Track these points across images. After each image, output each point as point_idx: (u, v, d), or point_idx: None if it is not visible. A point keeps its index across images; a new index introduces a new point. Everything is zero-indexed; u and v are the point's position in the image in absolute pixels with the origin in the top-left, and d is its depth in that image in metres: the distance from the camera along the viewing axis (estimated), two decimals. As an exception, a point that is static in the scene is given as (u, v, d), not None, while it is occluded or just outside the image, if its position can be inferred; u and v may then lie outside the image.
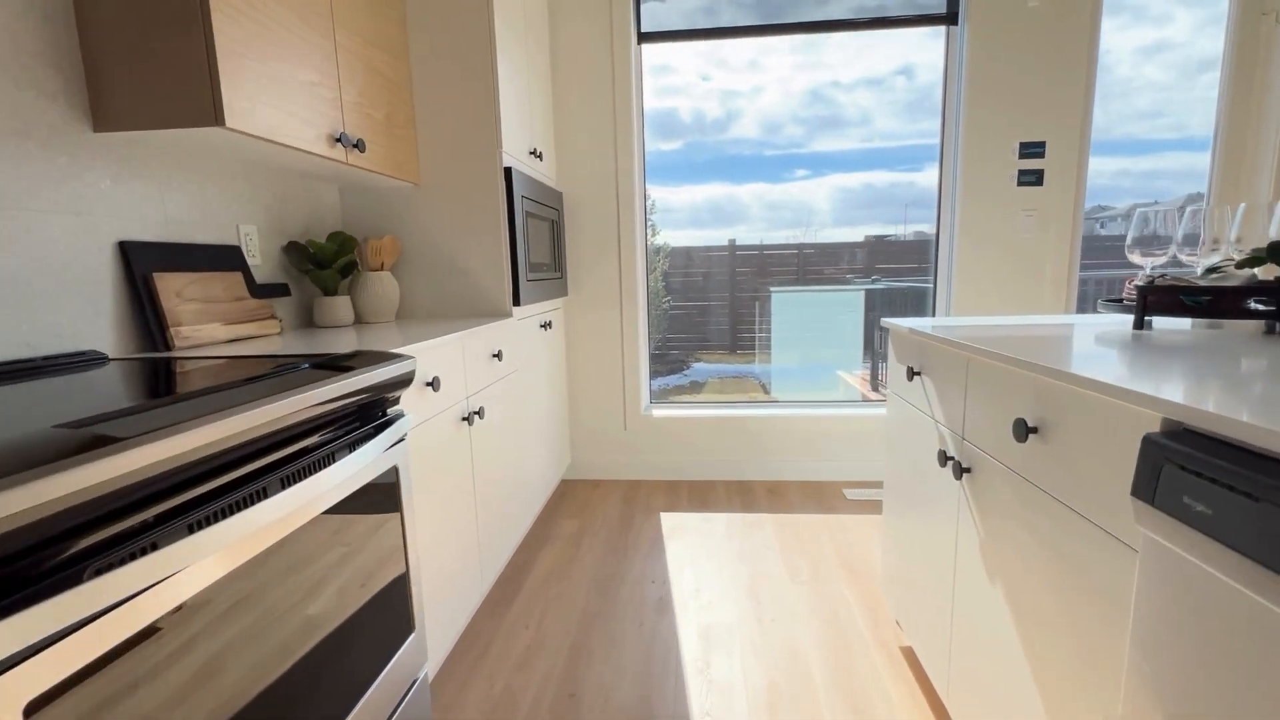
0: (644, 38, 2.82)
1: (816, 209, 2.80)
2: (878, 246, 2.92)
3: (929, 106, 2.60)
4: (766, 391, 3.40)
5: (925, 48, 2.53)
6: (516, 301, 2.18)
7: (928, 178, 2.68)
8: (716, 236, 2.97)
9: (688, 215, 2.94)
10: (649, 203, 2.98)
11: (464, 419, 1.71)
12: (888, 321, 1.59)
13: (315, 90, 1.53)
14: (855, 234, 2.86)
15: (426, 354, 1.49)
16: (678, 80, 2.79)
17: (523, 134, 2.31)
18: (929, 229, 2.80)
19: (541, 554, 2.29)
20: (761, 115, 2.77)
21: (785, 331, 3.27)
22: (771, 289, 3.19)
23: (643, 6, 2.79)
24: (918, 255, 2.95)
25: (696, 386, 3.36)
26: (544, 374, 2.58)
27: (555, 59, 2.79)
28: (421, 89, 2.08)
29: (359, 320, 2.07)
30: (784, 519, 2.53)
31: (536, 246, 2.38)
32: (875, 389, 3.24)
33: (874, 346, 3.19)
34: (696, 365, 3.37)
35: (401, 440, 1.16)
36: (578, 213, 2.90)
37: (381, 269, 2.09)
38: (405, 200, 2.17)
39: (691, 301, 3.15)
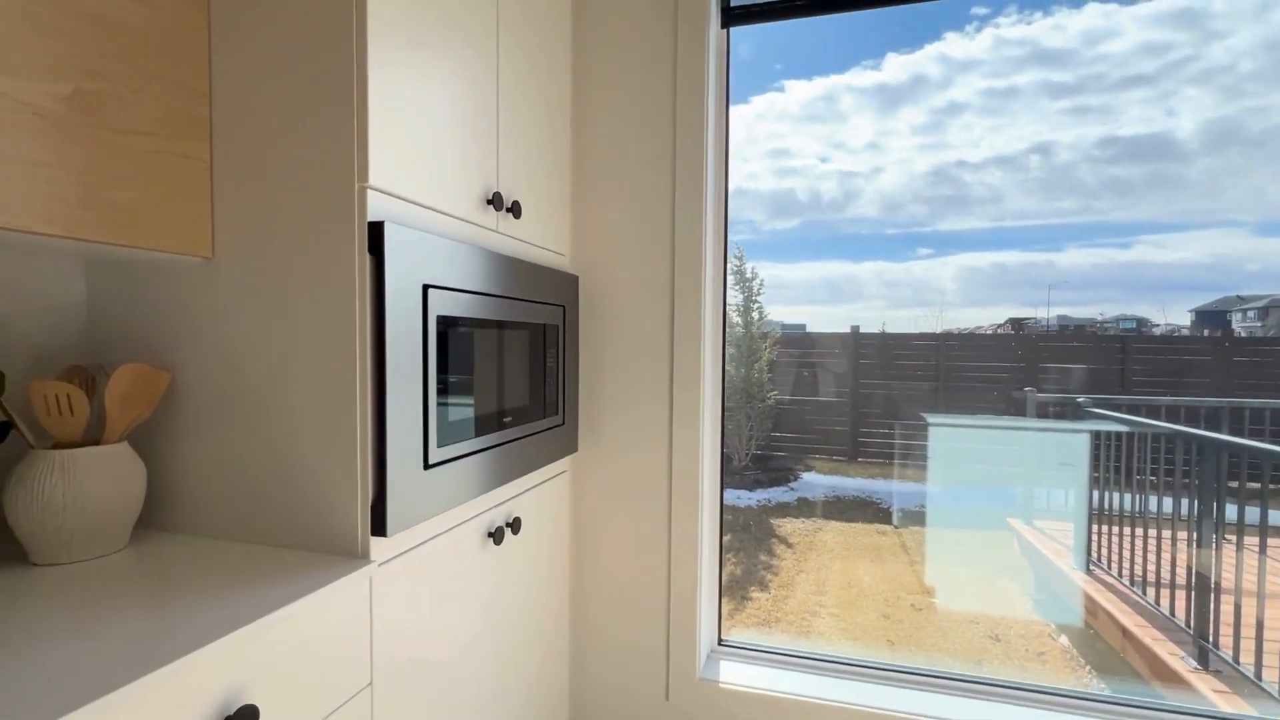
0: (732, 16, 1.68)
1: (941, 288, 2.67)
2: (1045, 342, 2.62)
3: (1068, 185, 2.40)
4: (905, 547, 2.74)
5: (1063, 126, 2.34)
6: (381, 528, 0.95)
7: (1070, 258, 2.44)
8: (832, 315, 2.91)
9: (801, 291, 2.90)
10: (756, 282, 2.78)
11: None
12: None
13: None
14: (989, 315, 2.72)
15: None
16: (796, 163, 2.80)
17: (451, 163, 1.16)
18: (1077, 313, 2.55)
19: None
20: (881, 195, 2.70)
21: (942, 465, 2.71)
22: (928, 420, 2.74)
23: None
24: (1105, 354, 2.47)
25: (806, 507, 2.95)
26: (491, 641, 1.31)
27: (582, 62, 1.67)
28: (228, 70, 1.00)
29: (26, 559, 0.93)
30: None
31: (486, 381, 1.21)
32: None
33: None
34: (807, 476, 2.98)
35: None
36: (604, 307, 1.68)
37: (111, 436, 0.96)
38: (188, 290, 1.05)
39: (804, 396, 2.86)
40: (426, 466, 1.02)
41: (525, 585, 1.42)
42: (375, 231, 0.91)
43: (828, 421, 2.86)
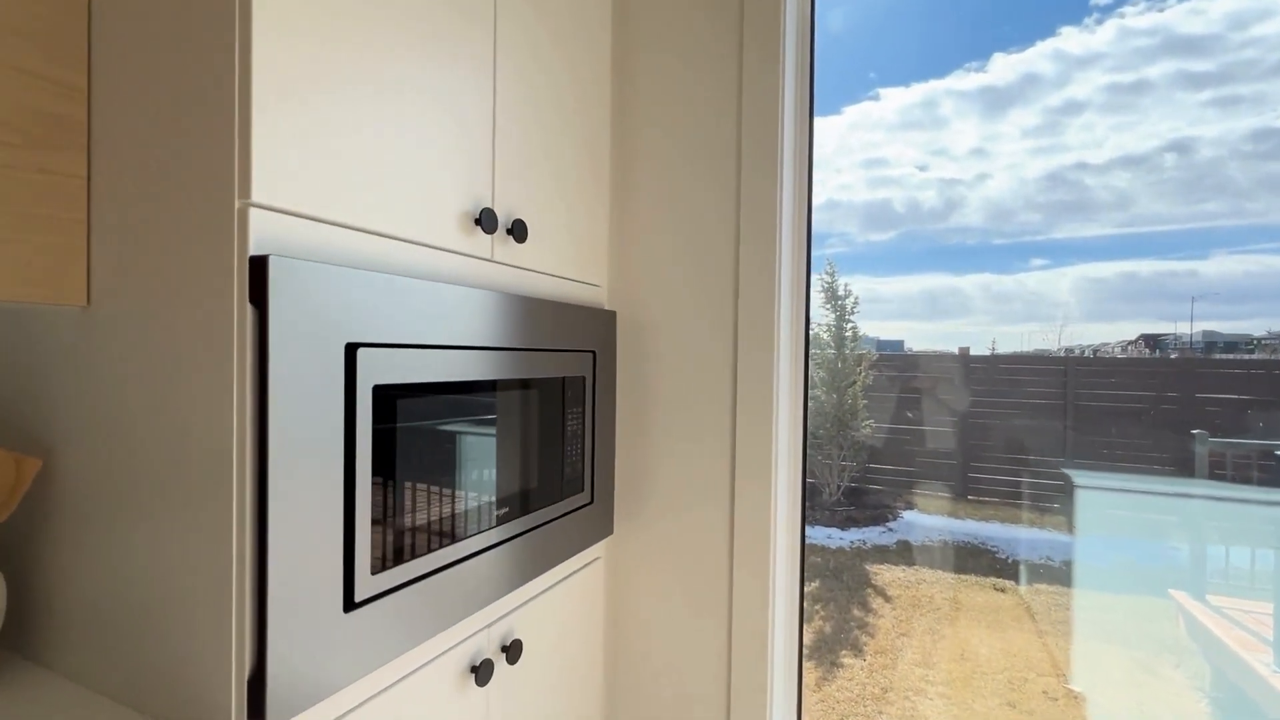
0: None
1: (1058, 300, 2.45)
2: (1205, 368, 2.21)
3: (1213, 184, 2.14)
4: (1031, 612, 2.24)
5: (1205, 119, 2.13)
6: (259, 711, 0.62)
7: (1216, 266, 2.17)
8: (933, 331, 2.65)
9: (899, 306, 2.68)
10: (849, 299, 2.55)
11: None
12: None
13: None
14: (1117, 331, 2.43)
15: None
16: (893, 172, 2.67)
17: (412, 170, 0.85)
18: (1227, 327, 2.21)
19: None
20: (988, 203, 2.52)
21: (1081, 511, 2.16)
22: (1074, 478, 2.23)
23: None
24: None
25: (907, 552, 2.59)
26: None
27: (625, 47, 1.34)
28: (112, 55, 0.73)
29: None
30: None
31: (470, 465, 0.90)
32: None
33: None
34: (908, 515, 2.63)
35: None
36: (651, 349, 1.33)
37: None
38: (61, 349, 0.80)
39: (904, 425, 2.53)
40: (351, 606, 0.69)
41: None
42: (257, 271, 0.60)
43: (932, 453, 2.55)
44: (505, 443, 0.97)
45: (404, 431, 0.78)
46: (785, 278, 1.25)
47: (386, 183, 0.77)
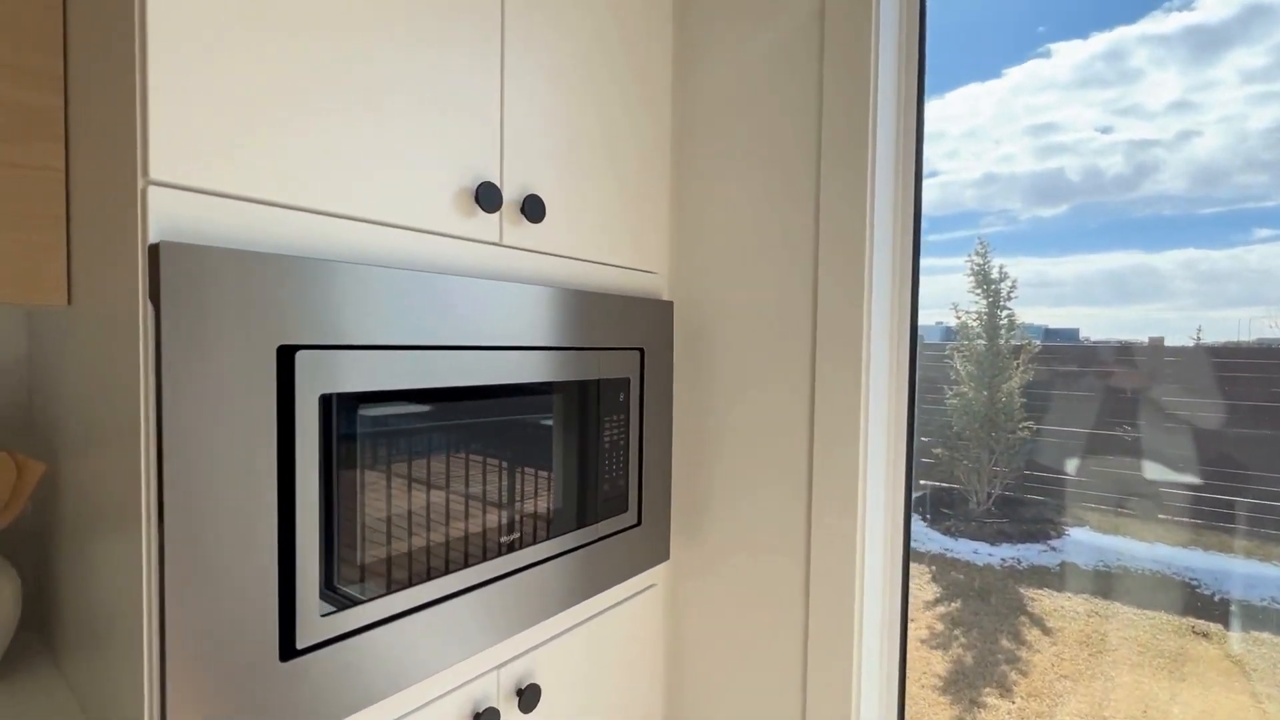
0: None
1: None
2: None
3: None
4: (1245, 667, 1.58)
5: None
6: None
7: None
8: (1118, 318, 2.14)
9: (1073, 290, 2.20)
10: (1006, 283, 2.05)
11: None
12: None
13: None
14: None
15: None
16: (1065, 139, 2.20)
17: (379, 134, 0.71)
18: None
19: None
20: (1193, 165, 2.03)
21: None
22: None
23: None
24: None
25: (1074, 577, 1.99)
26: None
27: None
28: (87, 37, 0.65)
29: None
30: None
31: (477, 481, 0.78)
32: None
33: None
34: (1076, 533, 2.06)
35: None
36: (717, 347, 1.13)
37: None
38: (52, 350, 0.80)
39: (1075, 427, 2.02)
40: (290, 654, 0.58)
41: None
42: (154, 261, 0.50)
43: (1112, 462, 2.08)
44: (516, 457, 0.83)
45: (371, 448, 0.65)
46: (882, 268, 0.98)
47: (348, 154, 0.65)
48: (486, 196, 0.77)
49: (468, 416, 0.77)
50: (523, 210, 0.83)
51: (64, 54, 0.70)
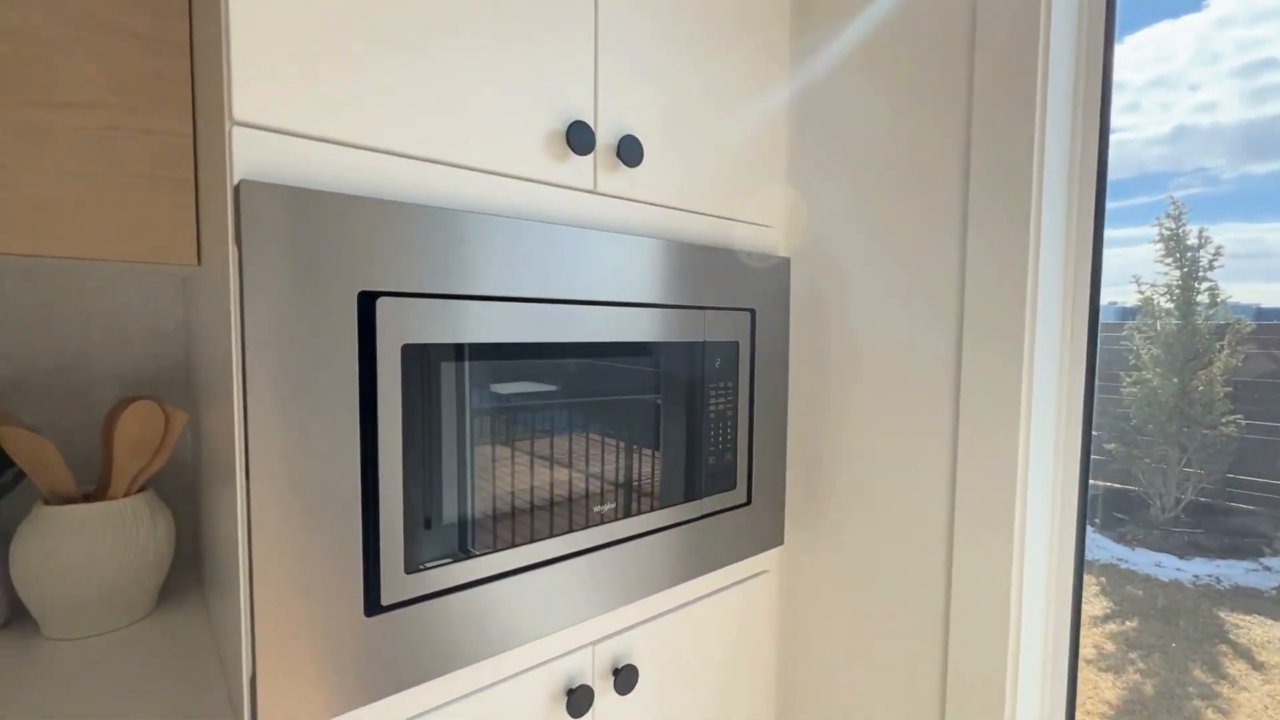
0: None
1: None
2: None
3: None
4: None
5: None
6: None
7: None
8: None
9: None
10: (1205, 250, 1.64)
11: None
12: None
13: None
14: None
15: None
16: None
17: (460, 72, 0.66)
18: None
19: None
20: None
21: None
22: None
23: None
24: None
25: None
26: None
27: None
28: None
29: (37, 629, 0.79)
30: None
31: (570, 446, 0.75)
32: None
33: None
34: None
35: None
36: (840, 309, 1.00)
37: (117, 490, 0.79)
38: (191, 310, 0.88)
39: None
40: (375, 609, 0.57)
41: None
42: (237, 203, 0.49)
43: None
44: (612, 422, 0.77)
45: (457, 404, 0.62)
46: (1052, 228, 0.80)
47: (430, 93, 0.61)
48: (578, 137, 0.71)
49: (559, 375, 0.72)
50: (618, 153, 0.76)
51: (189, 21, 0.73)
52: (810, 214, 1.00)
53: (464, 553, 0.64)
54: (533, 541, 0.70)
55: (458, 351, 0.63)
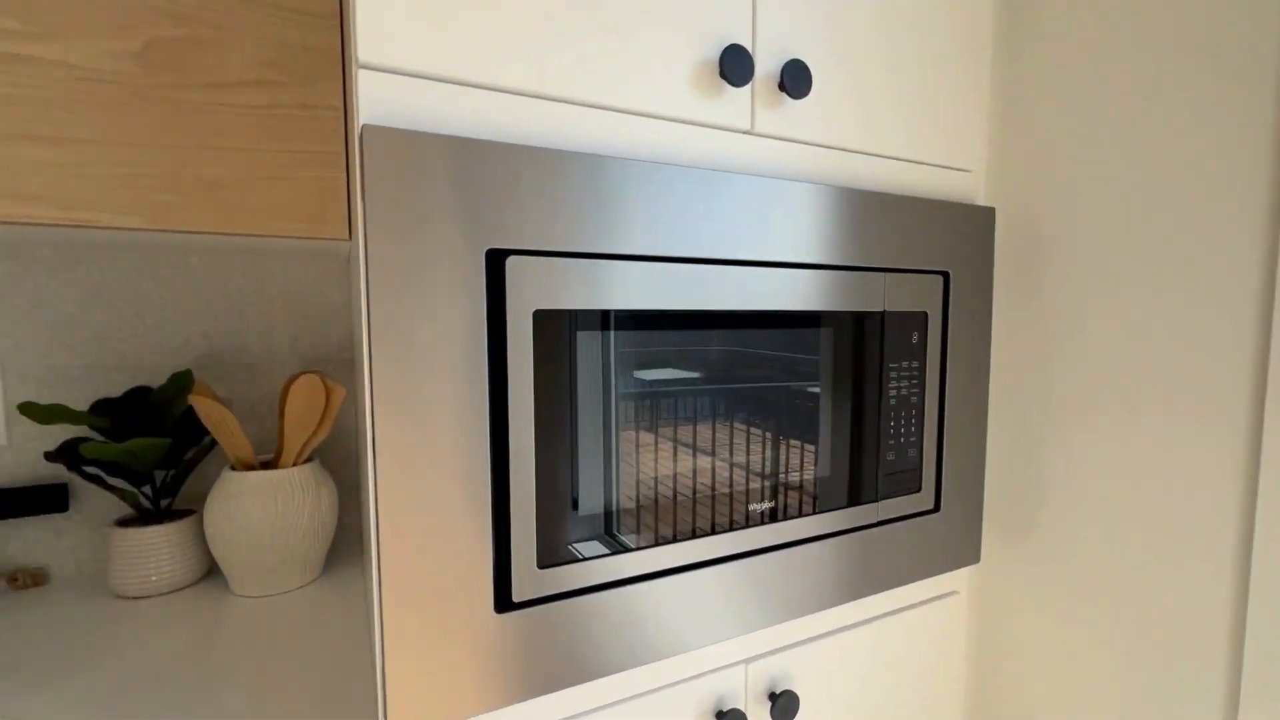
0: None
1: None
2: None
3: None
4: None
5: None
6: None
7: None
8: None
9: None
10: None
11: None
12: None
13: None
14: None
15: None
16: None
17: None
18: None
19: None
20: None
21: None
22: None
23: None
24: None
25: None
26: None
27: None
28: None
29: (228, 589, 0.85)
30: None
31: (721, 433, 0.63)
32: None
33: None
34: None
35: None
36: (1060, 268, 0.79)
37: (287, 459, 0.85)
38: (343, 284, 0.93)
39: None
40: (505, 606, 0.51)
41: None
42: (361, 151, 0.45)
43: None
44: (771, 408, 0.65)
45: (594, 380, 0.54)
46: None
47: (559, 20, 0.53)
48: (734, 65, 0.59)
49: (710, 350, 0.61)
50: (782, 83, 0.63)
51: (337, -7, 0.72)
52: (1026, 154, 0.79)
53: (602, 549, 0.56)
54: (678, 540, 0.60)
55: (597, 319, 0.55)
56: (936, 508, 0.79)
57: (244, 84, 0.70)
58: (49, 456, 0.79)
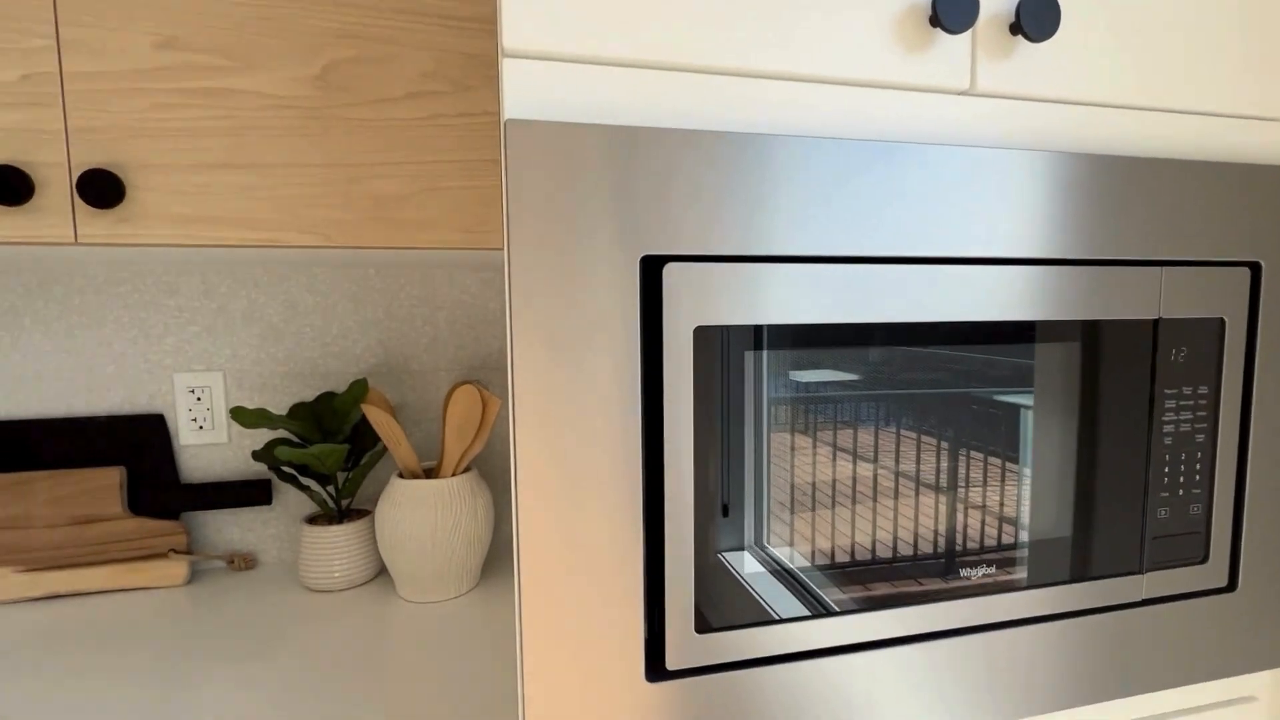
0: None
1: None
2: None
3: None
4: None
5: None
6: None
7: None
8: None
9: None
10: None
11: None
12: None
13: None
14: None
15: None
16: None
17: None
18: None
19: None
20: None
21: None
22: None
23: None
24: None
25: None
26: None
27: None
28: None
29: (398, 594, 0.87)
30: None
31: (928, 479, 0.51)
32: None
33: None
34: None
35: None
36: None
37: (446, 469, 0.87)
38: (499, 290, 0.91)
39: None
40: (660, 675, 0.44)
41: None
42: (504, 147, 0.41)
43: None
44: (984, 440, 0.51)
45: (767, 410, 0.45)
46: None
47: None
48: (952, 4, 0.45)
49: (918, 375, 0.48)
50: (1016, 22, 0.48)
51: (493, -4, 0.70)
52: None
53: (769, 617, 0.46)
54: (862, 610, 0.48)
55: (772, 337, 0.45)
56: (1231, 585, 0.58)
57: (408, 97, 0.70)
58: (255, 456, 0.87)
